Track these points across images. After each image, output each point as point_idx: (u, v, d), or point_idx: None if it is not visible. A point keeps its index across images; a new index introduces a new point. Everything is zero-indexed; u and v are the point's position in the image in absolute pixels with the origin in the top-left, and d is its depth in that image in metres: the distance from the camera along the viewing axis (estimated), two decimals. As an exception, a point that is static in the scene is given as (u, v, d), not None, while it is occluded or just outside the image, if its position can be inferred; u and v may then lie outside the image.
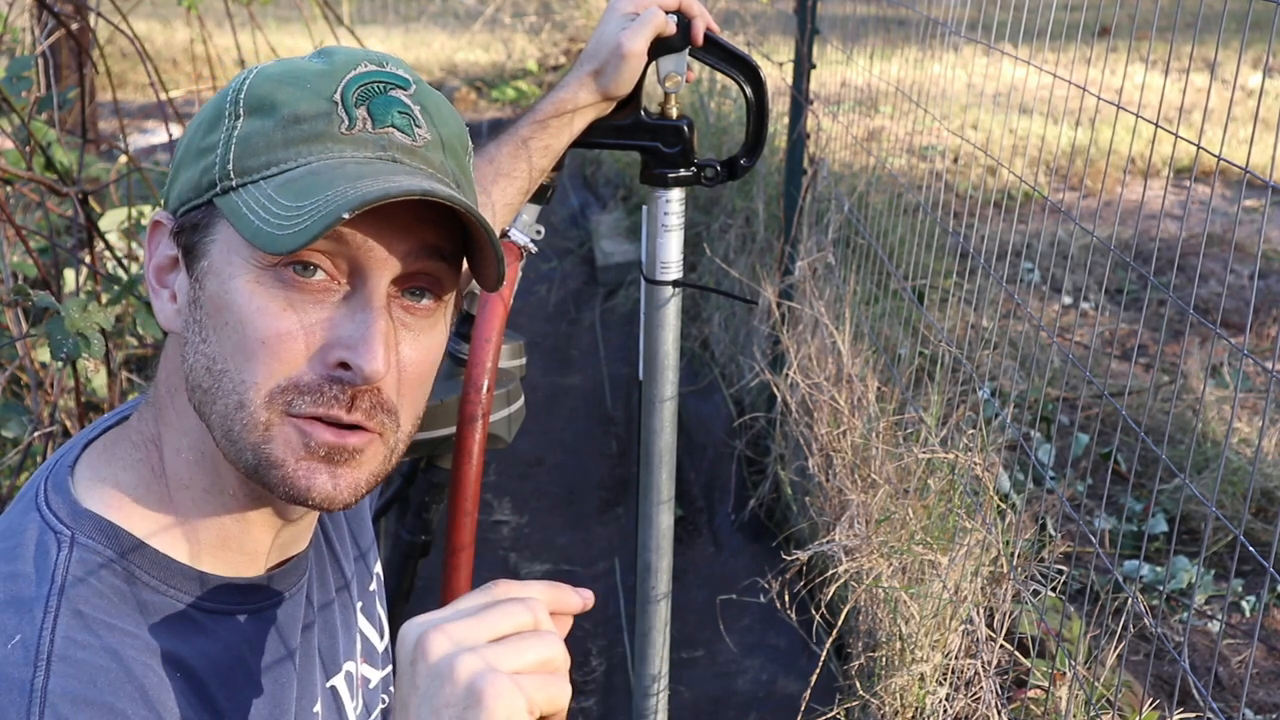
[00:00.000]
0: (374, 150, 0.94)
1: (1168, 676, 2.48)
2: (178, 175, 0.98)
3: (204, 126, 0.97)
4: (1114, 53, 5.79)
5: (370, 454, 0.95)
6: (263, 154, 0.93)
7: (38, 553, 0.91)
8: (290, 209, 0.89)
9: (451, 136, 0.99)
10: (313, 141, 0.93)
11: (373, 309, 0.92)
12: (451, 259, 0.97)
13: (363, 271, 0.92)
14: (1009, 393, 3.36)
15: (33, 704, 0.82)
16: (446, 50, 10.00)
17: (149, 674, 0.89)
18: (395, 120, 0.95)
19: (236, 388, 0.91)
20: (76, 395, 2.24)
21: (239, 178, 0.93)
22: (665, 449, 1.69)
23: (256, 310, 0.91)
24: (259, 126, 0.93)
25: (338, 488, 0.93)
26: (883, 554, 2.09)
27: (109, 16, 2.66)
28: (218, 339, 0.92)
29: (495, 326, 1.49)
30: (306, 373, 0.91)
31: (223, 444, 0.93)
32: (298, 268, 0.91)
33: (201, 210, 0.95)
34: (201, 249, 0.94)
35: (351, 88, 0.94)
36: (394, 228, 0.92)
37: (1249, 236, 5.33)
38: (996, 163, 2.29)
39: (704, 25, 1.48)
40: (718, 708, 2.65)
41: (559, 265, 5.42)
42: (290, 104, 0.93)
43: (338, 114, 0.94)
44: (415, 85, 0.97)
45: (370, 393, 0.93)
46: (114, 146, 3.15)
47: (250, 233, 0.89)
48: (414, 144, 0.96)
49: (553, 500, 3.69)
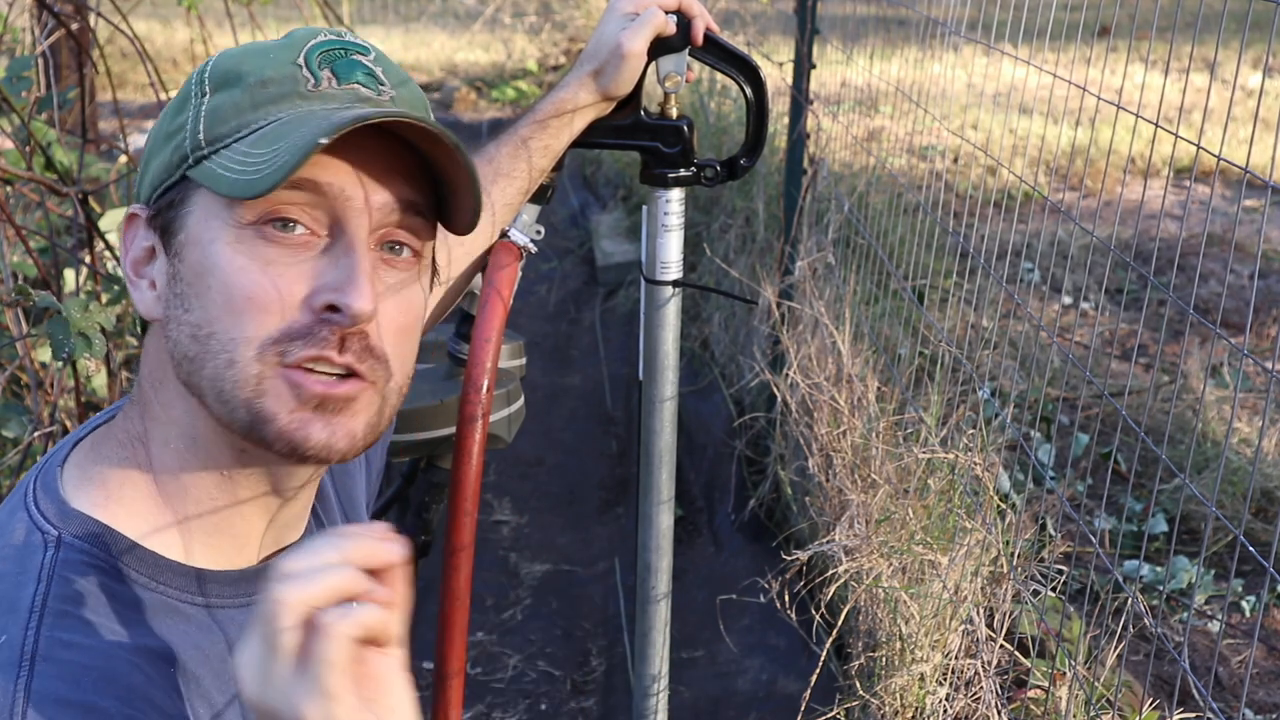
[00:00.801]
0: (341, 102, 0.96)
1: (1168, 676, 2.48)
2: (148, 166, 1.00)
3: (170, 113, 0.99)
4: (1114, 53, 5.79)
5: (363, 402, 0.95)
6: (232, 119, 0.95)
7: (25, 553, 0.91)
8: (265, 154, 0.90)
9: (413, 98, 1.02)
10: (280, 101, 0.95)
11: (355, 252, 0.93)
12: (427, 213, 0.99)
13: (342, 221, 0.93)
14: (1009, 393, 3.36)
15: (16, 704, 0.82)
16: (446, 50, 10.00)
17: (136, 672, 0.88)
18: (359, 78, 0.98)
19: (225, 346, 0.91)
20: (76, 395, 2.24)
21: (210, 146, 0.94)
22: (665, 449, 1.69)
23: (239, 269, 0.91)
24: (227, 97, 0.95)
25: (334, 436, 0.93)
26: (883, 554, 2.09)
27: (109, 16, 2.66)
28: (201, 305, 0.93)
29: (495, 326, 1.49)
30: (297, 319, 0.92)
31: (215, 408, 0.93)
32: (277, 224, 0.92)
33: (176, 189, 0.96)
34: (178, 224, 0.95)
35: (314, 53, 0.97)
36: (370, 175, 0.94)
37: (1249, 236, 5.33)
38: (996, 163, 2.29)
39: (704, 25, 1.48)
40: (718, 708, 2.65)
41: (559, 265, 5.42)
42: (256, 72, 0.96)
43: (303, 75, 0.96)
44: (374, 53, 1.00)
45: (359, 335, 0.93)
46: (114, 146, 3.15)
47: (226, 186, 0.91)
48: (379, 98, 0.98)
49: (553, 500, 3.69)
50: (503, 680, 2.89)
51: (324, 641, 0.71)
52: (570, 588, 3.26)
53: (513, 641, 3.03)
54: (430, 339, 2.05)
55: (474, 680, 2.87)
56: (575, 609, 3.17)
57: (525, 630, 3.08)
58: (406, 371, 1.00)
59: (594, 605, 3.19)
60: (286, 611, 0.72)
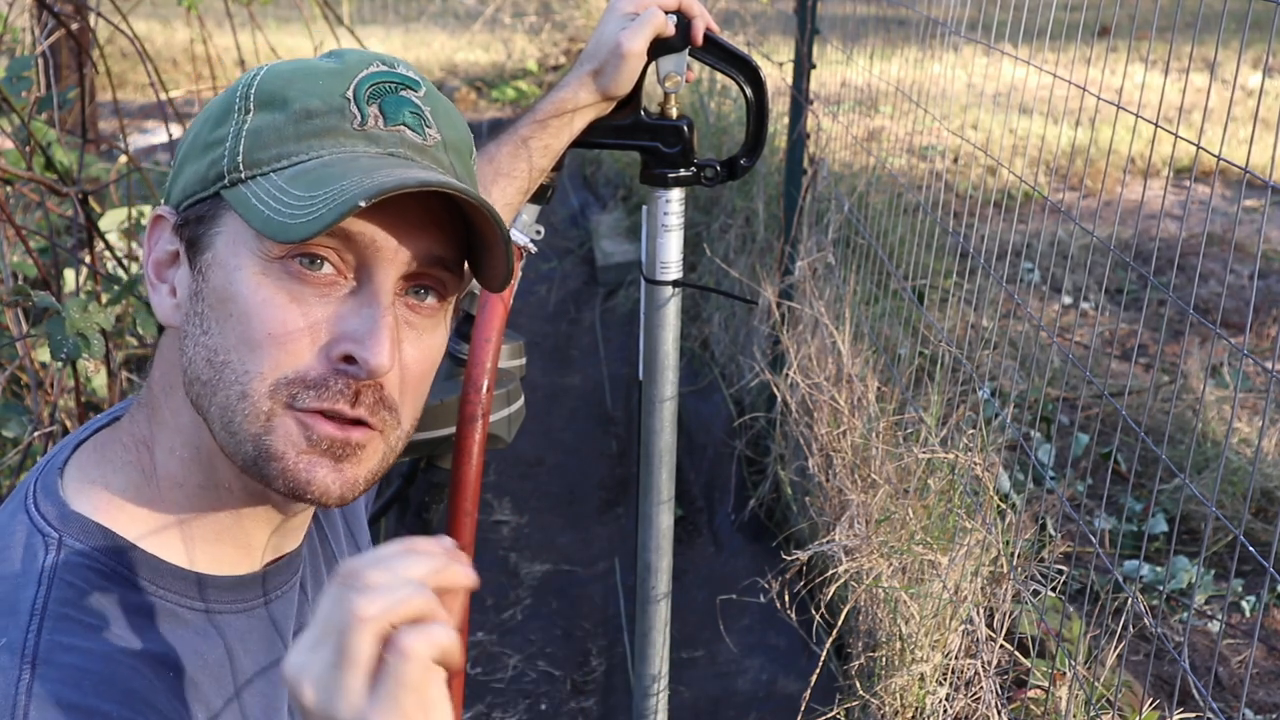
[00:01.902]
0: (386, 146, 0.95)
1: (1168, 676, 2.48)
2: (182, 170, 0.98)
3: (211, 121, 0.96)
4: (1114, 53, 5.79)
5: (371, 450, 0.95)
6: (273, 147, 0.93)
7: (25, 555, 0.91)
8: (303, 199, 0.89)
9: (458, 139, 1.00)
10: (325, 135, 0.93)
11: (379, 304, 0.92)
12: (455, 267, 0.97)
13: (369, 268, 0.92)
14: (1009, 393, 3.36)
15: (16, 708, 0.82)
16: (446, 50, 10.00)
17: (135, 676, 0.88)
18: (407, 119, 0.96)
19: (239, 378, 0.91)
20: (76, 395, 2.24)
21: (248, 170, 0.93)
22: (665, 449, 1.69)
23: (262, 302, 0.90)
24: (270, 120, 0.94)
25: (336, 483, 0.93)
26: (883, 554, 2.09)
27: (109, 16, 2.66)
28: (220, 330, 0.92)
29: (495, 326, 1.49)
30: (313, 366, 0.91)
31: (221, 436, 0.93)
32: (304, 260, 0.91)
33: (207, 203, 0.94)
34: (206, 241, 0.94)
35: (364, 86, 0.95)
36: (402, 227, 0.92)
37: (1249, 236, 5.33)
38: (996, 163, 2.29)
39: (704, 25, 1.48)
40: (718, 708, 2.65)
41: (559, 265, 5.42)
42: (302, 99, 0.94)
43: (350, 110, 0.94)
44: (424, 88, 0.98)
45: (373, 388, 0.92)
46: (114, 146, 3.15)
47: (260, 222, 0.89)
48: (424, 143, 0.96)
49: (553, 500, 3.69)
50: (503, 680, 2.89)
51: (405, 663, 0.70)
52: (570, 588, 3.26)
53: (513, 641, 3.04)
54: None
55: (474, 680, 2.87)
56: (575, 609, 3.17)
57: (525, 630, 3.08)
58: (414, 418, 0.99)
59: (594, 605, 3.19)
60: (367, 626, 0.70)
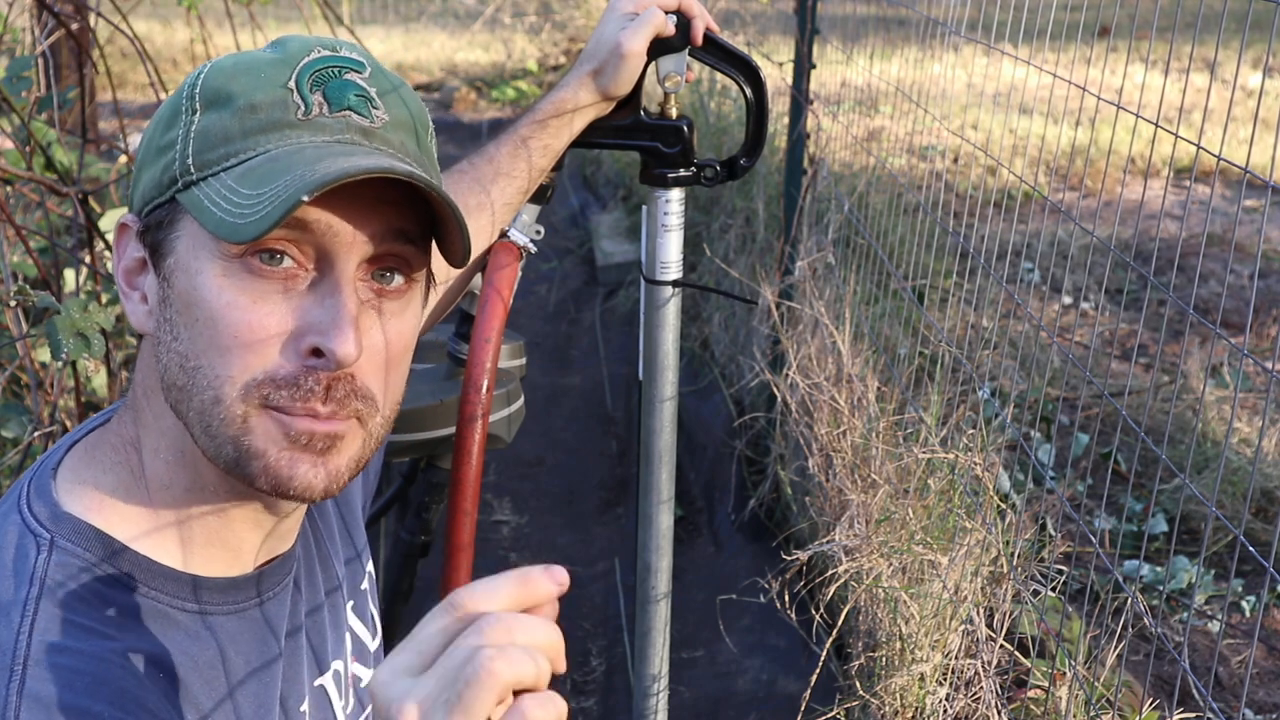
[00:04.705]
0: (332, 134, 0.94)
1: (1168, 676, 2.48)
2: (140, 176, 0.98)
3: (163, 124, 0.97)
4: (1114, 53, 5.79)
5: (350, 440, 0.95)
6: (221, 146, 0.93)
7: (17, 556, 0.91)
8: (250, 197, 0.89)
9: (410, 116, 0.99)
10: (270, 130, 0.93)
11: (341, 293, 0.92)
12: (419, 240, 0.97)
13: (329, 256, 0.92)
14: (1009, 393, 3.36)
15: (9, 707, 0.82)
16: (446, 50, 10.00)
17: (127, 677, 0.88)
18: (352, 103, 0.95)
19: (211, 383, 0.91)
20: (76, 395, 2.24)
21: (199, 171, 0.93)
22: (665, 449, 1.69)
23: (226, 304, 0.91)
24: (216, 119, 0.94)
25: (319, 477, 0.93)
26: (883, 554, 2.09)
27: (109, 16, 2.66)
28: (189, 336, 0.92)
29: (495, 326, 1.49)
30: (282, 365, 0.91)
31: (201, 440, 0.93)
32: (264, 256, 0.91)
33: (165, 208, 0.95)
34: (168, 246, 0.95)
35: (306, 74, 0.95)
36: (357, 210, 0.92)
37: (1249, 236, 5.33)
38: (996, 163, 2.29)
39: (704, 25, 1.48)
40: (718, 708, 2.65)
41: (559, 265, 5.42)
42: (246, 94, 0.93)
43: (293, 100, 0.94)
44: (370, 68, 0.98)
45: (345, 379, 0.93)
46: (114, 146, 3.14)
47: (213, 224, 0.89)
48: (372, 125, 0.96)
49: (553, 500, 3.69)
50: (503, 680, 2.89)
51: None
52: (570, 588, 3.26)
53: (513, 641, 3.03)
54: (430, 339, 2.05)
55: (474, 680, 2.87)
56: (575, 609, 3.17)
57: (525, 630, 3.07)
58: (395, 402, 0.99)
59: (594, 605, 3.19)
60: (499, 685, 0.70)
